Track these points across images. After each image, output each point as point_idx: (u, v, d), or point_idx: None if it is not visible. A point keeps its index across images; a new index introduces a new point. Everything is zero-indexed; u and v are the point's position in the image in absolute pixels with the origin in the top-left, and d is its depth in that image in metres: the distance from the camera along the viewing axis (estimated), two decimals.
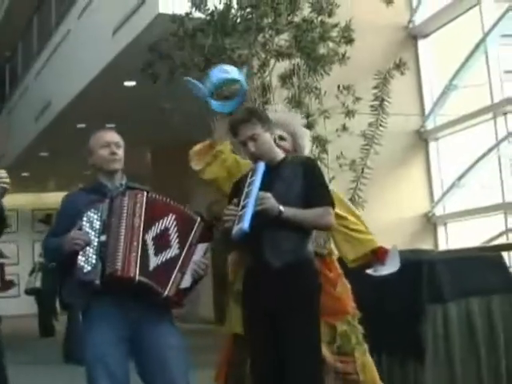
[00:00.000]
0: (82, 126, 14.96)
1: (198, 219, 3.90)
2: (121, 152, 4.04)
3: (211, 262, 14.25)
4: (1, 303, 20.89)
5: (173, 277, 3.74)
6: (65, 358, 10.49)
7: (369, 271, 4.55)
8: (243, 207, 3.77)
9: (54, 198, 21.87)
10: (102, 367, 3.69)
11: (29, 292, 16.40)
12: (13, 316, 20.24)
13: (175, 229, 3.81)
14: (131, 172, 4.34)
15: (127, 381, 3.78)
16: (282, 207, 3.83)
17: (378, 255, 4.53)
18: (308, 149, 4.71)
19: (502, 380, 5.71)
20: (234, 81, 4.27)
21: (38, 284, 15.79)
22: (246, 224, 3.68)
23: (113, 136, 4.07)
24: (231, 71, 4.32)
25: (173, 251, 3.79)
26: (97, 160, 4.03)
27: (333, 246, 4.78)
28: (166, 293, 3.70)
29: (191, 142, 11.60)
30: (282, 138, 4.42)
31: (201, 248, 3.88)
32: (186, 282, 3.81)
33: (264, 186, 3.84)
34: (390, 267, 4.52)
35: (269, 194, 3.82)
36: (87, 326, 3.80)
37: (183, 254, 3.80)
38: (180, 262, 3.78)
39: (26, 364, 10.42)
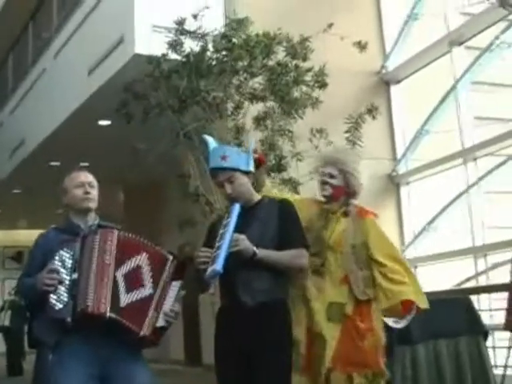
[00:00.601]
0: (56, 163, 14.94)
1: (171, 257, 3.91)
2: (94, 192, 4.09)
3: (181, 302, 14.12)
4: None
5: (149, 316, 3.75)
6: None
7: (390, 322, 4.52)
8: (217, 248, 3.80)
9: (25, 236, 21.75)
10: None
11: None
12: None
13: (148, 267, 3.83)
14: (104, 211, 4.37)
15: None
16: (255, 249, 3.87)
17: (405, 307, 4.41)
18: (361, 186, 4.63)
19: None
20: (230, 169, 4.17)
21: (6, 322, 15.62)
22: (219, 265, 3.70)
23: (87, 176, 4.11)
24: (230, 156, 4.11)
25: (147, 290, 3.80)
26: (71, 199, 4.07)
27: None
28: (143, 332, 3.72)
29: (164, 181, 11.66)
30: (331, 175, 4.50)
31: (175, 285, 3.89)
32: (162, 321, 3.82)
33: (239, 227, 3.87)
34: (405, 321, 4.50)
35: (243, 236, 3.85)
36: (56, 363, 3.79)
37: (158, 293, 3.81)
38: (155, 301, 3.79)
39: None
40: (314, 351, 4.29)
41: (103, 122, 12.70)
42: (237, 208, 3.95)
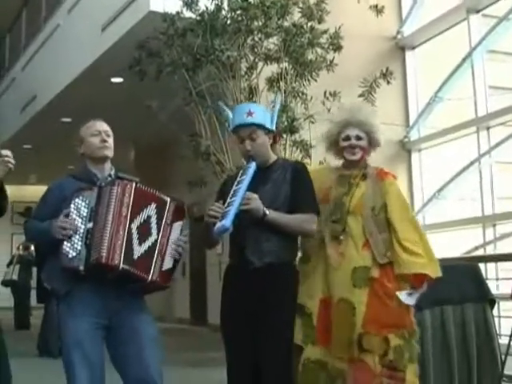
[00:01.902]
0: (67, 120, 14.93)
1: (168, 200, 3.92)
2: (111, 140, 4.07)
3: (189, 262, 14.24)
4: None
5: (154, 261, 3.78)
6: (39, 351, 10.46)
7: (402, 297, 4.24)
8: (229, 205, 3.80)
9: (34, 192, 21.77)
10: (78, 351, 3.71)
11: (5, 284, 16.31)
12: None
13: (155, 216, 3.85)
14: (115, 168, 4.36)
15: (102, 366, 3.81)
16: (266, 210, 3.87)
17: (416, 279, 4.21)
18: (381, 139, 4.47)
19: None
20: (255, 125, 4.13)
21: (14, 276, 15.71)
22: (228, 221, 3.70)
23: (103, 125, 4.09)
24: (256, 112, 4.07)
25: (153, 237, 3.83)
26: (87, 148, 4.04)
27: None
28: (150, 277, 3.74)
29: (175, 140, 11.67)
30: (359, 137, 4.35)
31: (176, 227, 3.92)
32: (168, 263, 3.85)
33: (253, 187, 3.88)
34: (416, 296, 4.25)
35: (255, 195, 3.85)
36: (66, 312, 3.81)
37: (160, 237, 3.84)
38: (158, 245, 3.82)
39: None
40: (335, 320, 4.11)
41: (116, 80, 12.66)
42: (253, 167, 3.95)
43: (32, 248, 14.67)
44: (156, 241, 3.81)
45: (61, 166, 15.22)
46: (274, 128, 4.15)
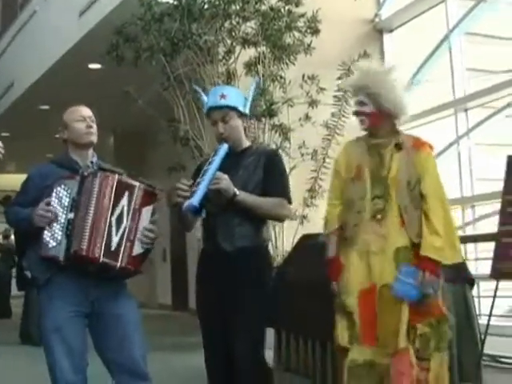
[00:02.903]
0: (45, 107, 14.86)
1: (137, 184, 3.84)
2: (95, 126, 4.03)
3: (169, 248, 14.26)
4: None
5: (122, 247, 3.73)
6: (21, 339, 10.45)
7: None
8: (198, 184, 3.78)
9: (12, 180, 21.64)
10: (58, 338, 3.71)
11: None
12: None
13: (127, 202, 3.79)
14: None
15: (84, 353, 3.81)
16: (237, 190, 3.86)
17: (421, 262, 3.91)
18: (401, 102, 4.05)
19: (454, 370, 5.81)
20: (228, 107, 4.10)
21: None
22: (195, 199, 3.68)
23: (87, 111, 4.05)
24: (229, 95, 4.05)
25: (123, 224, 3.77)
26: (72, 133, 3.99)
27: None
28: (119, 264, 3.70)
29: (154, 126, 11.61)
30: (362, 103, 4.06)
31: (146, 211, 3.85)
32: (138, 249, 3.80)
33: (224, 170, 3.86)
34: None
35: (225, 176, 3.83)
36: (46, 299, 3.80)
37: (128, 222, 3.78)
38: (127, 231, 3.77)
39: None
40: (380, 309, 3.88)
41: (93, 66, 12.60)
42: (224, 148, 3.94)
43: (12, 237, 14.61)
44: (125, 227, 3.76)
45: (39, 153, 15.14)
46: (247, 111, 4.12)
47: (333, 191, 4.22)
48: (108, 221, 3.70)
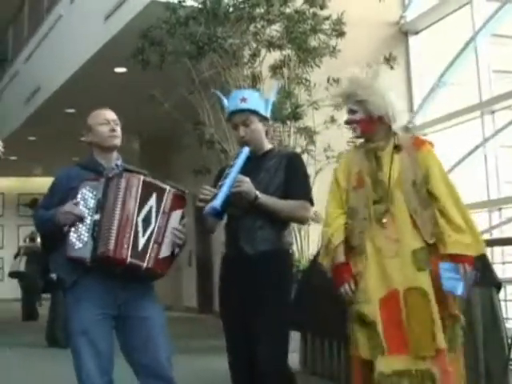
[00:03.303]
0: (71, 111, 14.94)
1: (168, 188, 3.86)
2: (119, 129, 4.05)
3: (195, 251, 14.28)
4: None
5: (150, 248, 3.74)
6: (48, 341, 10.50)
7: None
8: (220, 187, 3.79)
9: (40, 183, 21.83)
10: (85, 340, 3.72)
11: (12, 275, 16.38)
12: None
13: (155, 205, 3.80)
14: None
15: (111, 355, 3.82)
16: (258, 193, 3.86)
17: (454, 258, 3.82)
18: (389, 106, 4.00)
19: (480, 373, 5.76)
20: (249, 111, 4.03)
21: (21, 267, 15.77)
22: (217, 202, 3.69)
23: (111, 114, 4.07)
24: (250, 99, 4.06)
25: (151, 226, 3.78)
26: (96, 137, 4.02)
27: None
28: (145, 265, 3.70)
29: (179, 129, 11.62)
30: (352, 111, 4.03)
31: (175, 215, 3.86)
32: (166, 251, 3.81)
33: (246, 174, 3.87)
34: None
35: (247, 179, 3.84)
36: (73, 302, 3.82)
37: (157, 225, 3.78)
38: (155, 233, 3.77)
39: (8, 346, 10.45)
40: (410, 314, 3.77)
41: (119, 70, 12.65)
42: (246, 151, 3.95)
43: (38, 239, 14.70)
44: (153, 229, 3.77)
45: (65, 157, 15.22)
46: (268, 115, 4.12)
47: (332, 200, 4.10)
48: (135, 221, 3.71)
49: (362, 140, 4.17)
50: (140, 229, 3.73)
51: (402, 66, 10.97)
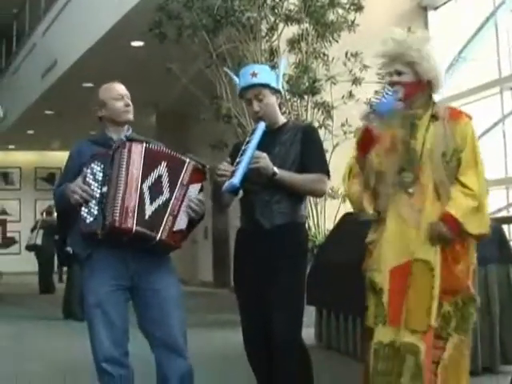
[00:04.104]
0: (89, 85, 14.89)
1: (187, 160, 3.84)
2: (131, 103, 4.05)
3: (211, 225, 14.27)
4: (2, 260, 21.14)
5: (164, 220, 3.72)
6: (64, 314, 10.57)
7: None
8: (238, 163, 3.79)
9: (57, 157, 21.94)
10: (100, 313, 3.74)
11: (29, 248, 16.49)
12: (13, 273, 20.47)
13: (167, 174, 3.78)
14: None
15: (126, 327, 3.82)
16: (276, 168, 3.86)
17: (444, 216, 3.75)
18: (439, 74, 3.88)
19: (495, 350, 5.76)
20: (260, 85, 4.00)
21: (38, 241, 15.87)
22: (236, 179, 3.70)
23: (123, 88, 4.04)
24: (260, 73, 4.04)
25: (164, 196, 3.76)
26: (110, 111, 3.98)
27: None
28: (159, 236, 3.69)
29: (196, 103, 11.60)
30: (399, 72, 3.85)
31: (193, 189, 3.84)
32: (181, 224, 3.79)
33: (262, 148, 3.86)
34: None
35: (264, 154, 3.83)
36: (87, 274, 3.84)
37: (174, 197, 3.77)
38: (171, 205, 3.76)
39: (25, 319, 10.54)
40: (412, 285, 3.71)
41: (136, 43, 12.63)
42: (262, 126, 3.93)
43: (55, 213, 14.79)
44: (168, 200, 3.75)
45: (83, 131, 15.19)
46: (280, 87, 4.12)
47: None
48: (138, 189, 3.70)
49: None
50: (146, 196, 3.72)
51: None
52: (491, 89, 10.84)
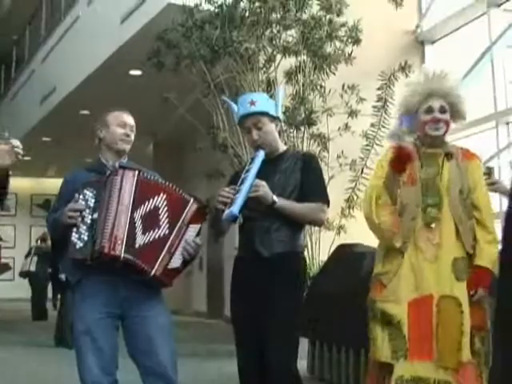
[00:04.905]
0: (86, 112, 14.98)
1: (191, 200, 3.84)
2: (133, 136, 4.06)
3: (206, 255, 14.24)
4: None
5: (161, 256, 3.72)
6: (55, 341, 10.52)
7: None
8: (237, 192, 3.80)
9: (53, 184, 21.86)
10: (89, 340, 3.73)
11: (23, 275, 16.43)
12: (6, 299, 20.39)
13: (165, 208, 3.78)
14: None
15: (115, 355, 3.81)
16: (275, 197, 3.87)
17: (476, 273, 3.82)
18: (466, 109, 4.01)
19: None
20: (259, 113, 4.02)
21: (32, 267, 15.83)
22: (236, 208, 3.71)
23: (130, 119, 4.07)
24: (259, 101, 4.06)
25: (162, 231, 3.76)
26: (109, 135, 4.02)
27: None
28: (154, 272, 3.69)
29: (193, 133, 11.64)
30: (444, 109, 3.91)
31: (192, 229, 3.84)
32: (176, 263, 3.79)
33: (262, 176, 3.87)
34: None
35: (263, 183, 3.85)
36: (78, 300, 3.84)
37: (173, 235, 3.77)
38: (169, 242, 3.75)
39: (17, 345, 10.49)
40: (441, 322, 3.71)
41: (134, 72, 12.69)
42: (261, 155, 3.95)
43: (49, 240, 14.77)
44: (167, 236, 3.75)
45: (80, 158, 15.24)
46: (279, 114, 4.13)
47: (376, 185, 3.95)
48: (128, 217, 3.70)
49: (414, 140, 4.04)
50: (138, 225, 3.72)
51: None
52: (487, 123, 10.89)
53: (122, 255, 3.63)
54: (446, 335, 3.70)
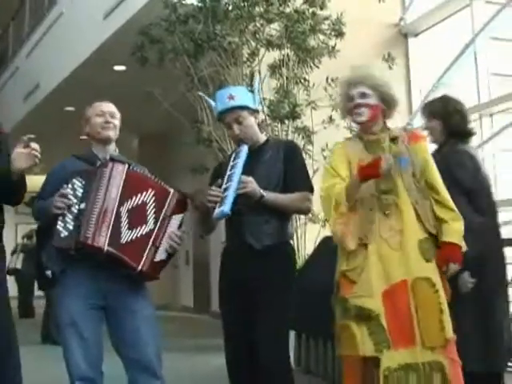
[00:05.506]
0: (71, 109, 14.93)
1: (172, 191, 3.89)
2: (116, 122, 4.07)
3: (192, 250, 14.24)
4: None
5: (146, 251, 3.75)
6: (42, 338, 10.50)
7: None
8: (226, 190, 3.82)
9: (39, 181, 21.68)
10: (74, 331, 3.75)
11: (9, 272, 16.35)
12: None
13: (153, 204, 3.82)
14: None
15: (100, 347, 3.84)
16: (263, 191, 3.89)
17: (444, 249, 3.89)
18: (396, 99, 4.03)
19: None
20: (239, 108, 4.03)
21: (18, 265, 15.79)
22: (227, 207, 3.75)
23: (109, 106, 4.11)
24: (237, 95, 4.06)
25: (148, 226, 3.80)
26: (91, 128, 4.07)
27: None
28: (140, 267, 3.72)
29: (178, 127, 11.62)
30: (364, 94, 3.91)
31: (175, 220, 3.89)
32: (161, 255, 3.82)
33: (246, 169, 3.90)
34: None
35: (251, 178, 3.87)
36: (61, 293, 3.85)
37: (157, 228, 3.81)
38: (154, 236, 3.79)
39: None
40: (419, 305, 3.72)
41: (118, 68, 12.67)
42: (245, 150, 3.97)
43: (34, 238, 14.72)
44: (152, 231, 3.79)
45: (65, 155, 15.09)
46: (257, 107, 4.15)
47: (338, 169, 3.97)
48: (115, 210, 3.72)
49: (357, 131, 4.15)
50: (124, 219, 3.74)
51: (401, 67, 10.99)
52: (470, 115, 10.92)
53: (106, 248, 3.63)
54: (428, 316, 3.72)
